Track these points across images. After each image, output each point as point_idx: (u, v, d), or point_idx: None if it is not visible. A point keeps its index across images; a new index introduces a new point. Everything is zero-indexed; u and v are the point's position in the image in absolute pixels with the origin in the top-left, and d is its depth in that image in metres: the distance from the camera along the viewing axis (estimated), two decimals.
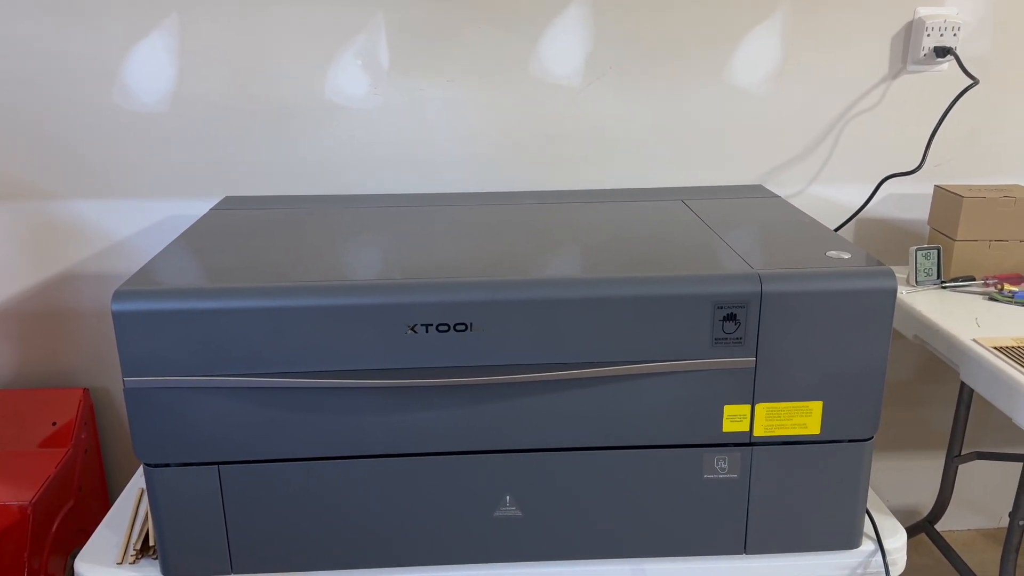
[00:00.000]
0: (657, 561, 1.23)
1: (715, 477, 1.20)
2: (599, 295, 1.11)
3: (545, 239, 1.32)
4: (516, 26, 1.70)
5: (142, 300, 1.09)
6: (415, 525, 1.21)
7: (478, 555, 1.22)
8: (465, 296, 1.10)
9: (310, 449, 1.17)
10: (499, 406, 1.15)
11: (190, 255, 1.25)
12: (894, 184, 1.81)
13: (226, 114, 1.71)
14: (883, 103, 1.79)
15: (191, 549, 1.19)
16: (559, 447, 1.18)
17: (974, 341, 1.42)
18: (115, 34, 1.65)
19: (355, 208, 1.54)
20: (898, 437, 2.05)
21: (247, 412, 1.14)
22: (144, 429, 1.13)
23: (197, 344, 1.10)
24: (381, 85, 1.71)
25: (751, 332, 1.12)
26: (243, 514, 1.18)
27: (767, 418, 1.17)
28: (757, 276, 1.11)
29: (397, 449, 1.17)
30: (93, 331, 1.83)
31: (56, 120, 1.70)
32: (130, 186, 1.75)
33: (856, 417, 1.18)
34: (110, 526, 1.32)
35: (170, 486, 1.16)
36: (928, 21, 1.73)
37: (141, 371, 1.11)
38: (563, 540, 1.22)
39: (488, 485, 1.19)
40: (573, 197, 1.62)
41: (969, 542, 2.09)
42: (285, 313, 1.10)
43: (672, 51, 1.74)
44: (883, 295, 1.12)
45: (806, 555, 1.24)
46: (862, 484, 1.21)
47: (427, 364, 1.13)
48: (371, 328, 1.11)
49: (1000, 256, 1.69)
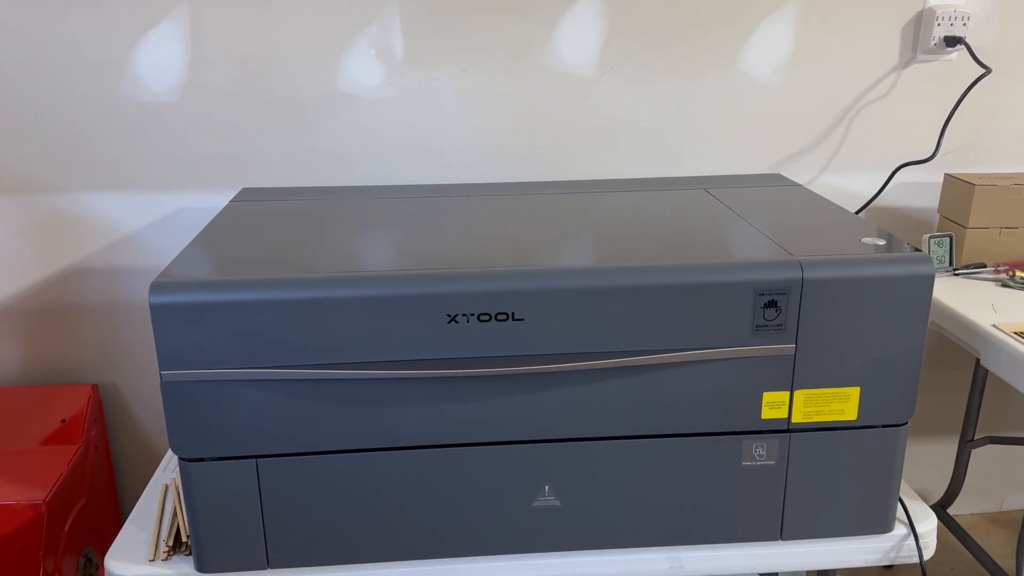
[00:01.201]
0: (694, 549, 1.23)
1: (753, 464, 1.20)
2: (642, 283, 1.10)
3: (574, 228, 1.31)
4: (530, 16, 1.69)
5: (180, 292, 1.07)
6: (453, 516, 1.20)
7: (516, 545, 1.22)
8: (507, 285, 1.10)
9: (348, 441, 1.15)
10: (539, 396, 1.15)
11: (218, 247, 1.23)
12: (904, 172, 1.82)
13: (237, 105, 1.69)
14: (894, 92, 1.81)
15: (226, 544, 1.18)
16: (598, 436, 1.18)
17: (994, 327, 1.44)
18: (125, 23, 1.62)
19: (375, 199, 1.52)
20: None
21: (285, 404, 1.12)
22: (180, 423, 1.11)
23: (235, 336, 1.08)
24: (395, 75, 1.70)
25: (791, 319, 1.13)
26: (280, 508, 1.17)
27: (805, 404, 1.17)
28: (798, 263, 1.12)
29: (436, 440, 1.16)
30: (102, 326, 1.80)
31: (64, 112, 1.66)
32: (139, 178, 1.72)
33: (892, 402, 1.19)
34: (137, 523, 1.29)
35: (206, 481, 1.15)
36: (938, 11, 1.74)
37: (178, 364, 1.09)
38: (601, 529, 1.22)
39: (527, 475, 1.19)
40: (592, 187, 1.61)
41: (973, 526, 2.12)
42: (324, 304, 1.08)
43: (685, 41, 1.74)
44: (921, 281, 1.13)
45: (841, 540, 1.24)
46: (896, 469, 1.22)
47: (466, 354, 1.12)
48: (411, 318, 1.10)
49: (1011, 243, 1.72)
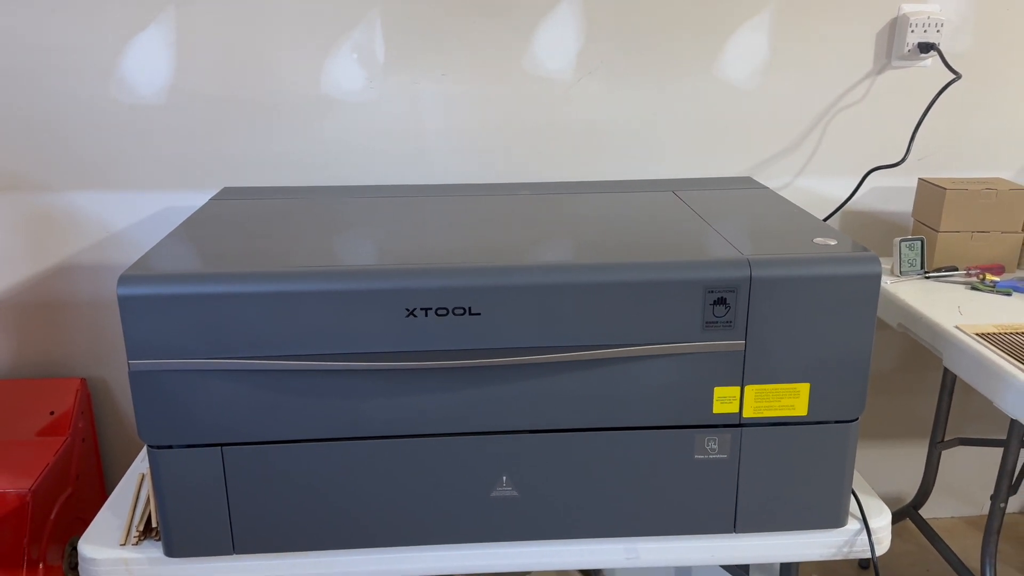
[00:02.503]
0: (649, 540, 1.26)
1: (706, 458, 1.23)
2: (595, 280, 1.14)
3: (540, 228, 1.35)
4: (509, 21, 1.73)
5: (147, 284, 1.11)
6: (414, 506, 1.23)
7: (475, 535, 1.25)
8: (463, 281, 1.13)
9: (311, 431, 1.19)
10: (496, 389, 1.18)
11: (191, 242, 1.28)
12: (878, 177, 1.85)
13: (222, 107, 1.73)
14: (868, 97, 1.83)
15: (193, 529, 1.22)
16: (554, 428, 1.21)
17: (957, 328, 1.46)
18: (112, 27, 1.67)
19: (352, 199, 1.57)
20: (882, 425, 2.09)
21: (249, 394, 1.16)
22: (148, 411, 1.16)
23: (200, 328, 1.13)
24: (376, 79, 1.74)
25: (740, 316, 1.16)
26: (245, 495, 1.21)
27: (756, 400, 1.20)
28: (747, 262, 1.15)
29: (396, 431, 1.20)
30: (89, 322, 1.85)
31: (52, 113, 1.71)
32: (126, 178, 1.77)
33: (842, 398, 1.21)
34: (112, 509, 1.34)
35: (173, 467, 1.19)
36: (912, 17, 1.77)
37: (146, 354, 1.13)
38: (558, 520, 1.25)
39: (485, 466, 1.22)
40: (566, 188, 1.65)
41: (951, 528, 2.13)
42: (287, 297, 1.12)
43: (662, 46, 1.77)
44: (868, 280, 1.16)
45: (794, 533, 1.27)
46: (848, 464, 1.25)
47: (425, 347, 1.15)
48: (370, 312, 1.14)
49: (982, 247, 1.74)
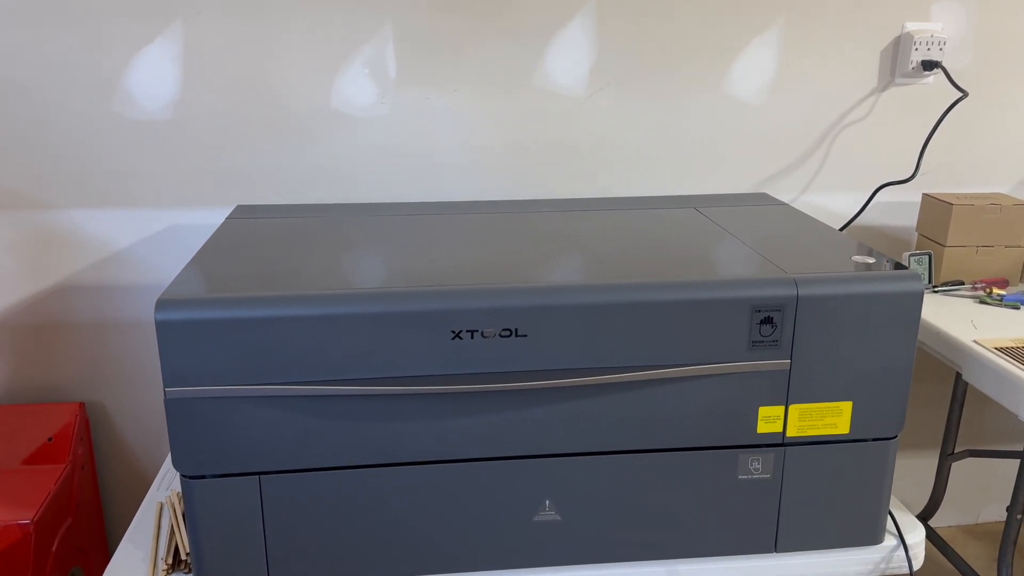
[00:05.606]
0: (690, 562, 1.26)
1: (749, 478, 1.22)
2: (643, 300, 1.13)
3: (570, 246, 1.34)
4: (521, 37, 1.72)
5: (186, 309, 1.07)
6: (455, 531, 1.21)
7: (518, 560, 1.23)
8: (512, 301, 1.11)
9: (351, 457, 1.16)
10: (540, 411, 1.16)
11: (219, 265, 1.24)
12: (883, 192, 1.87)
13: (230, 123, 1.69)
14: (873, 114, 1.86)
15: (228, 562, 1.18)
16: (599, 451, 1.20)
17: (975, 343, 1.48)
18: (118, 41, 1.62)
19: (369, 216, 1.54)
20: None
21: (289, 421, 1.13)
22: (183, 440, 1.12)
23: (240, 353, 1.09)
24: (388, 95, 1.72)
25: (787, 335, 1.16)
26: (282, 525, 1.17)
27: (800, 419, 1.20)
28: (793, 281, 1.15)
29: (438, 456, 1.17)
30: (89, 344, 1.79)
31: (56, 128, 1.66)
32: (130, 195, 1.71)
33: (883, 416, 1.22)
34: (133, 541, 1.29)
35: (208, 498, 1.15)
36: (916, 36, 1.80)
37: (183, 381, 1.09)
38: (600, 543, 1.24)
39: (528, 490, 1.20)
40: (584, 205, 1.64)
41: (951, 538, 2.16)
42: (330, 321, 1.10)
43: (671, 63, 1.78)
44: (911, 297, 1.17)
45: (833, 552, 1.27)
46: (887, 481, 1.25)
47: (470, 370, 1.13)
48: (416, 335, 1.11)
49: (987, 261, 1.77)
